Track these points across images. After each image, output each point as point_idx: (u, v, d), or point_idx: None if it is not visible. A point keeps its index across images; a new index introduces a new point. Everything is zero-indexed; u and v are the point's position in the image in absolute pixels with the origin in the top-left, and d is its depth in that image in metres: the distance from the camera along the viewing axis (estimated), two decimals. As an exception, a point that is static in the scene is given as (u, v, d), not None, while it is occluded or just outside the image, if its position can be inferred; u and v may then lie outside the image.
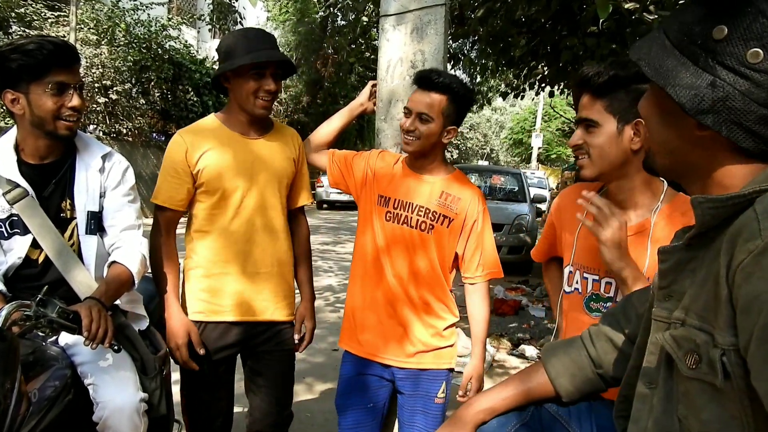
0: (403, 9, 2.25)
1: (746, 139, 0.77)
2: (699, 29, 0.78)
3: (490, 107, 24.96)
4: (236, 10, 9.94)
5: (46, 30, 10.91)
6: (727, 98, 0.75)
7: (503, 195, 9.73)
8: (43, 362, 1.56)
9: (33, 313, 1.41)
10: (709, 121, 0.77)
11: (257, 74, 1.91)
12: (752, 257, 0.69)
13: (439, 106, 1.82)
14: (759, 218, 0.71)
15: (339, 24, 10.18)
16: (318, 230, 12.24)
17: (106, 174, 1.83)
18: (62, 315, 1.46)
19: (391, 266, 1.93)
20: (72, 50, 1.69)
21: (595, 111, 1.45)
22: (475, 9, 5.24)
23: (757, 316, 0.67)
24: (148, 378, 1.73)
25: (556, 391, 1.21)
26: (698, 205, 0.81)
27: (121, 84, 12.17)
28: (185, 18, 16.06)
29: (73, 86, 1.67)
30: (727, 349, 0.74)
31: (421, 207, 1.91)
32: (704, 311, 0.80)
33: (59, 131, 1.68)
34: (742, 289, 0.70)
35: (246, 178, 2.00)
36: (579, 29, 4.71)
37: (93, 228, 1.78)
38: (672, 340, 0.85)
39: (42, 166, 1.74)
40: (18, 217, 1.68)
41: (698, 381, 0.80)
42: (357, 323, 2.00)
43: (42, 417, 1.46)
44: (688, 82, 0.78)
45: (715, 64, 0.77)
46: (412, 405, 1.95)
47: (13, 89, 1.63)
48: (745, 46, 0.74)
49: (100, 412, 1.59)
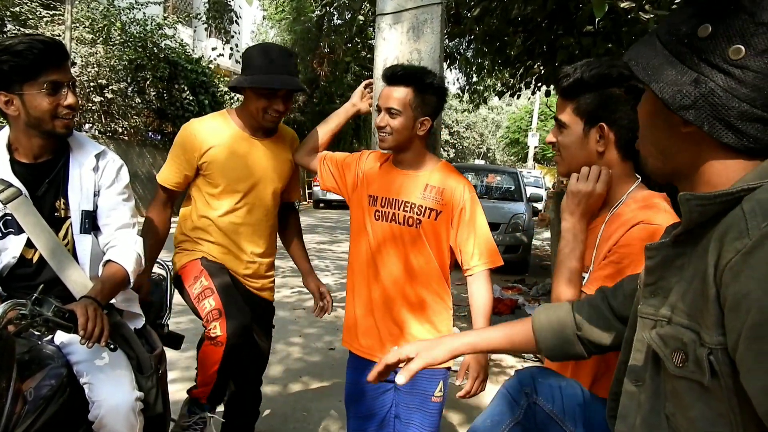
0: (399, 8, 2.25)
1: (728, 135, 0.78)
2: (685, 28, 0.80)
3: (486, 106, 24.96)
4: (232, 9, 9.90)
5: (42, 29, 10.85)
6: (709, 94, 0.77)
7: (500, 194, 9.73)
8: (39, 361, 1.56)
9: (29, 312, 1.40)
10: (692, 117, 0.78)
11: (269, 94, 2.07)
12: (740, 256, 0.70)
13: (405, 99, 1.84)
14: (746, 217, 0.71)
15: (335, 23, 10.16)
16: (314, 229, 12.24)
17: (101, 173, 1.83)
18: (58, 314, 1.46)
19: (385, 266, 1.93)
20: (61, 48, 1.68)
21: (565, 112, 1.49)
22: (471, 8, 5.25)
23: (746, 315, 0.68)
24: (143, 377, 1.72)
25: (537, 342, 1.22)
26: (686, 202, 0.82)
27: (117, 83, 12.13)
28: (181, 17, 15.99)
29: (66, 84, 1.66)
30: (714, 348, 0.74)
31: (406, 203, 1.91)
32: (691, 309, 0.80)
33: (57, 130, 1.68)
34: (730, 288, 0.71)
35: (247, 176, 2.16)
36: (575, 28, 4.72)
37: (87, 227, 1.78)
38: (659, 339, 0.85)
39: (35, 165, 1.74)
40: (12, 217, 1.67)
41: (685, 379, 0.80)
42: (357, 326, 2.01)
43: (38, 416, 1.45)
44: (673, 79, 0.79)
45: (700, 61, 0.78)
46: (409, 402, 1.94)
47: (6, 91, 1.62)
48: (728, 43, 0.76)
49: (96, 410, 1.59)
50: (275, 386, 3.60)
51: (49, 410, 1.49)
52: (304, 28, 18.32)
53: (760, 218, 0.69)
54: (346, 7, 7.05)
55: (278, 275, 7.06)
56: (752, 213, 0.71)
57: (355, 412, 2.02)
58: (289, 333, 4.79)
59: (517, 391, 1.31)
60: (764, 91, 0.75)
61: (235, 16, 10.22)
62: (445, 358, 1.25)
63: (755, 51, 0.74)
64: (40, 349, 1.62)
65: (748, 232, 0.69)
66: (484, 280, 1.91)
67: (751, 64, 0.75)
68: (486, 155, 44.33)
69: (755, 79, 0.75)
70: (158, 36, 13.14)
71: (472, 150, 43.28)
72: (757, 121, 0.76)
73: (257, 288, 2.31)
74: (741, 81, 0.75)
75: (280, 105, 2.10)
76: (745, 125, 0.77)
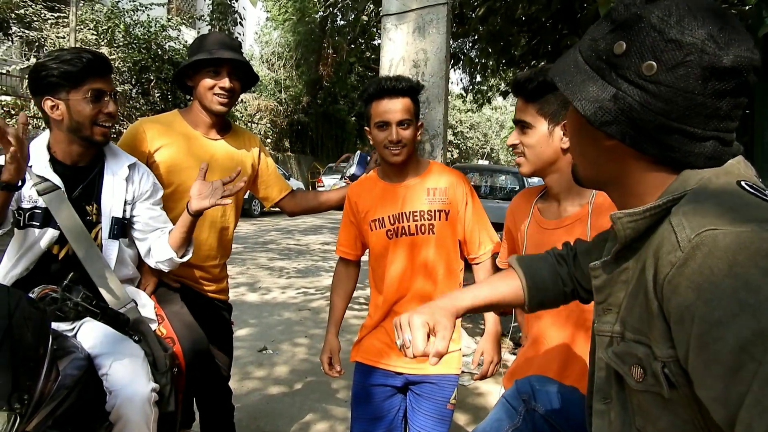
0: (404, 8, 2.25)
1: (650, 148, 0.81)
2: (603, 45, 0.83)
3: (490, 106, 24.96)
4: (236, 11, 9.94)
5: (46, 31, 10.90)
6: (628, 109, 0.79)
7: (504, 194, 9.71)
8: (64, 348, 1.62)
9: (60, 295, 1.51)
10: (614, 132, 0.81)
11: (213, 72, 2.06)
12: (675, 269, 0.71)
13: (410, 109, 1.86)
14: (675, 230, 0.73)
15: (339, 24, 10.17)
16: (320, 230, 12.26)
17: (137, 184, 1.94)
18: (86, 300, 1.56)
19: (409, 281, 1.92)
20: (106, 61, 1.82)
21: (529, 114, 1.55)
22: (475, 8, 5.24)
23: (690, 326, 0.69)
24: (159, 373, 1.78)
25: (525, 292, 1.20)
26: (617, 220, 0.84)
27: (121, 84, 12.19)
28: (185, 18, 16.05)
29: (108, 93, 1.80)
30: (666, 361, 0.76)
31: (413, 212, 1.90)
32: (640, 324, 0.81)
33: (95, 136, 1.79)
34: (671, 301, 0.72)
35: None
36: (580, 28, 4.70)
37: (116, 233, 1.88)
38: (616, 357, 0.87)
39: (73, 167, 1.84)
40: (40, 211, 1.75)
41: (648, 392, 0.81)
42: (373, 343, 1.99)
43: (59, 404, 1.49)
44: (594, 95, 0.82)
45: (617, 77, 0.81)
46: (426, 409, 1.93)
47: (53, 97, 1.74)
48: (641, 59, 0.78)
49: (113, 400, 1.64)
50: (281, 387, 3.60)
51: (69, 399, 1.52)
52: (308, 29, 18.37)
53: (688, 230, 0.71)
54: (350, 7, 7.04)
55: (283, 276, 7.10)
56: (680, 226, 0.73)
57: (362, 414, 2.01)
58: (295, 334, 4.79)
59: (515, 398, 1.32)
60: (677, 104, 0.77)
61: (239, 17, 10.27)
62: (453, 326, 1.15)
63: (666, 66, 0.77)
64: (66, 338, 1.70)
65: (680, 245, 0.71)
66: (492, 265, 1.98)
67: (663, 79, 0.77)
68: (489, 155, 44.30)
69: (668, 93, 0.77)
70: (162, 38, 13.20)
71: (476, 150, 43.26)
72: (676, 133, 0.79)
73: (212, 291, 2.29)
74: (655, 95, 0.78)
75: (225, 81, 2.07)
76: (665, 137, 0.79)
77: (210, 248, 2.22)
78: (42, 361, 1.40)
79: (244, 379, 3.71)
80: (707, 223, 0.70)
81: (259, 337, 4.63)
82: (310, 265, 7.93)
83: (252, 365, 3.97)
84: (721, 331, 0.65)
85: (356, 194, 2.03)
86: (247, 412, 3.18)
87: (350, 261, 2.09)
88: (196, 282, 2.22)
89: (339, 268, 2.12)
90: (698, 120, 0.78)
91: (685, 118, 0.78)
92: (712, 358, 0.67)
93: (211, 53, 2.04)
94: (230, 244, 2.37)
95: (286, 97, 20.09)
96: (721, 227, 0.69)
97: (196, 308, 2.13)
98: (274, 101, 19.91)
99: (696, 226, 0.71)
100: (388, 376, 1.95)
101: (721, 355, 0.65)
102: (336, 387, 3.62)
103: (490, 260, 1.97)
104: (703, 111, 0.77)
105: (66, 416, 1.52)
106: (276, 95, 20.22)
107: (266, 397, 3.44)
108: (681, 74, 0.76)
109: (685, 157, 0.80)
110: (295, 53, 19.68)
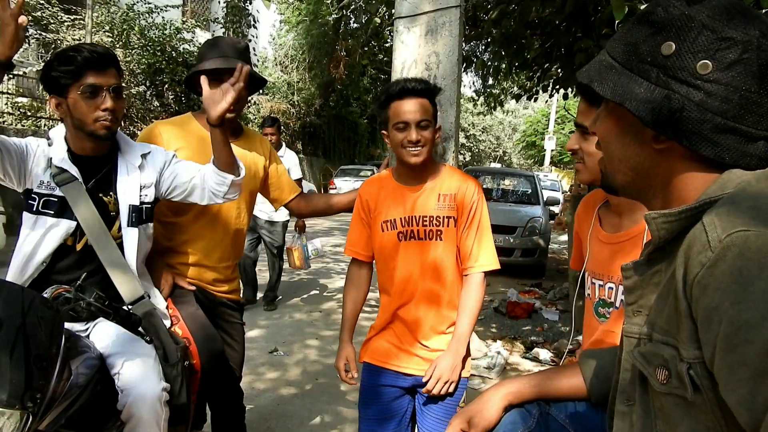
0: (417, 10, 2.25)
1: (706, 148, 0.79)
2: (646, 48, 0.82)
3: (502, 110, 24.87)
4: (250, 13, 10.00)
5: (63, 33, 11.02)
6: (683, 109, 0.78)
7: (516, 198, 9.66)
8: (77, 348, 1.64)
9: (73, 295, 1.53)
10: (669, 133, 0.80)
11: (215, 80, 2.02)
12: (705, 270, 0.70)
13: (429, 110, 1.85)
14: (707, 230, 0.72)
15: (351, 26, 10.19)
16: (331, 232, 12.27)
17: (149, 165, 1.94)
18: (98, 300, 1.57)
19: (416, 284, 1.91)
20: (106, 55, 1.78)
21: (591, 118, 1.45)
22: (488, 11, 5.23)
23: (718, 328, 0.68)
24: (169, 365, 1.79)
25: (588, 390, 1.21)
26: (652, 221, 0.83)
27: (136, 86, 12.27)
28: (199, 21, 16.13)
29: (106, 89, 1.75)
30: (692, 363, 0.75)
31: (423, 217, 1.90)
32: (668, 325, 0.80)
33: (97, 131, 1.78)
34: (700, 302, 0.71)
35: None
36: (594, 31, 4.67)
37: (135, 221, 1.89)
38: (641, 357, 0.86)
39: (89, 159, 1.85)
40: (56, 199, 1.77)
41: (671, 395, 0.80)
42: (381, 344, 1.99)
43: (71, 403, 1.51)
44: (645, 97, 0.81)
45: (668, 78, 0.80)
46: (437, 413, 1.92)
47: (57, 95, 1.75)
48: (694, 59, 0.77)
49: (124, 399, 1.66)
50: (292, 388, 3.61)
51: (82, 398, 1.54)
52: (321, 32, 18.42)
53: (719, 230, 0.70)
54: (363, 10, 7.06)
55: (293, 278, 7.11)
56: (711, 226, 0.71)
57: (369, 415, 2.01)
58: (306, 335, 4.80)
59: (529, 401, 1.30)
60: (734, 103, 0.77)
61: (252, 20, 10.33)
62: (498, 416, 1.23)
63: (722, 65, 0.76)
64: (79, 337, 1.72)
65: (710, 246, 0.70)
66: (479, 282, 1.91)
67: (719, 78, 0.77)
68: (502, 158, 44.14)
69: (724, 92, 0.77)
70: (176, 40, 13.26)
71: (488, 153, 43.13)
72: (730, 132, 0.78)
73: (224, 291, 2.29)
74: (711, 94, 0.77)
75: None
76: (720, 137, 0.78)
77: (225, 249, 2.24)
78: (55, 361, 1.41)
79: (256, 380, 3.72)
80: (739, 223, 0.69)
81: (270, 338, 4.65)
82: (321, 267, 7.94)
83: (263, 366, 3.98)
84: (749, 333, 0.64)
85: (368, 193, 2.02)
86: (258, 413, 3.19)
87: (363, 262, 2.06)
88: (210, 284, 2.23)
89: (352, 270, 2.09)
90: (752, 119, 0.77)
91: (740, 117, 0.77)
92: (738, 360, 0.66)
93: (209, 63, 2.07)
94: (243, 246, 2.39)
95: (299, 99, 20.12)
96: (753, 228, 0.68)
97: (209, 309, 2.16)
98: (287, 103, 19.97)
99: (728, 227, 0.70)
100: (397, 377, 1.95)
101: (749, 357, 0.64)
102: (346, 389, 3.61)
103: (481, 276, 1.91)
104: (757, 110, 0.77)
105: (78, 415, 1.53)
106: (289, 97, 20.28)
107: (277, 399, 3.45)
108: (737, 72, 0.76)
109: (739, 157, 0.79)
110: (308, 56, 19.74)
